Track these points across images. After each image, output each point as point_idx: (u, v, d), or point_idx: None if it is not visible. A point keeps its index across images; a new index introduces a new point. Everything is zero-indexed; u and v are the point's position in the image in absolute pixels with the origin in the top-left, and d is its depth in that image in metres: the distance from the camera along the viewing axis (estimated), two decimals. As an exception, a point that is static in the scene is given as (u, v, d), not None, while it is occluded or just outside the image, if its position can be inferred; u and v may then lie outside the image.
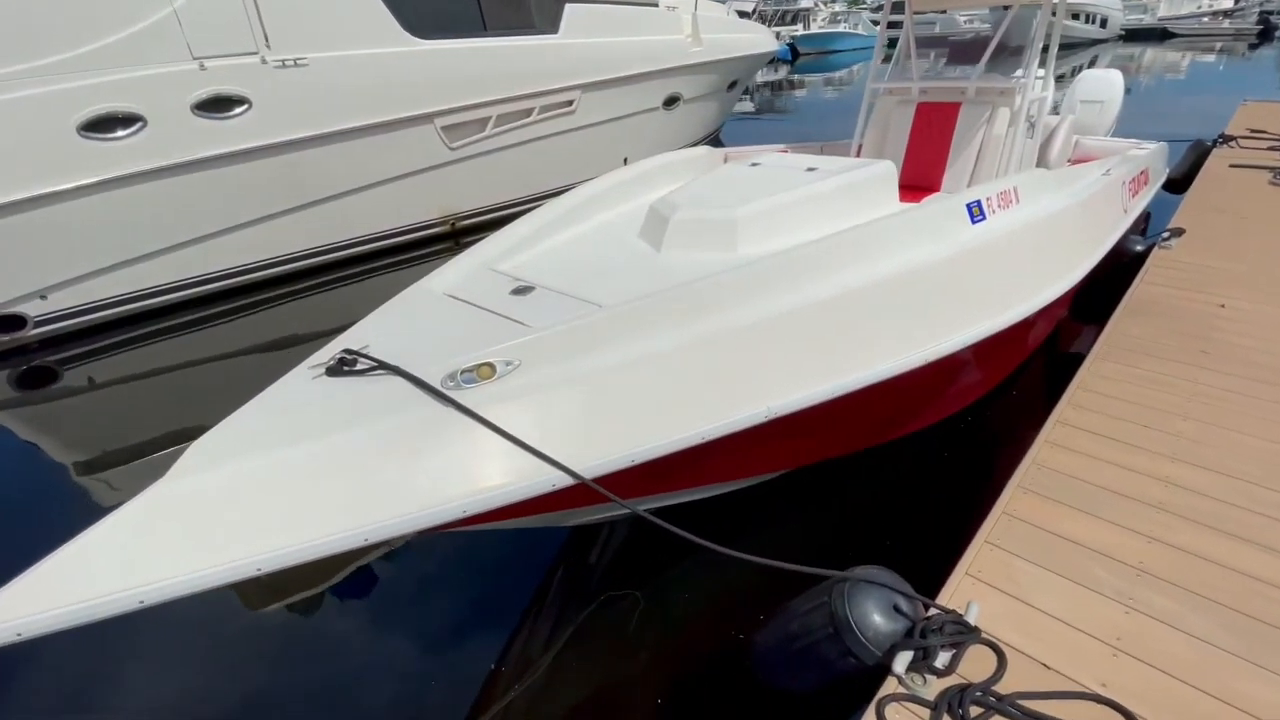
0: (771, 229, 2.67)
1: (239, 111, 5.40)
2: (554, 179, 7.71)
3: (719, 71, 9.52)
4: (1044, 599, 1.80)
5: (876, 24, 5.13)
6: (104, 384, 4.73)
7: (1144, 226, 5.55)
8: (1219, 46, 25.53)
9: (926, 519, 2.83)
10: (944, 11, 5.09)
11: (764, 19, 30.14)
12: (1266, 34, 27.53)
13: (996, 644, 1.64)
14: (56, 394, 4.63)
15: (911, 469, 3.17)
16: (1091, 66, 7.93)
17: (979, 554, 1.95)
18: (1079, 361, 3.06)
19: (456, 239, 7.33)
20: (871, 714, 1.51)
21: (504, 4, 6.88)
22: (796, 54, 30.44)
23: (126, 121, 4.93)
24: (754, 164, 3.34)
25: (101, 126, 4.83)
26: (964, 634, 1.60)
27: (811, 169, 3.11)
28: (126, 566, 1.36)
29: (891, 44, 4.79)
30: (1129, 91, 6.18)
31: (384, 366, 1.71)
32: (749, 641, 2.01)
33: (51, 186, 4.67)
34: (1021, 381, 3.77)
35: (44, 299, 4.95)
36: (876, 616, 1.63)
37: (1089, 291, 4.08)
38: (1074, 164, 4.58)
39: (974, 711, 1.49)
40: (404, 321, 2.12)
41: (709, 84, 9.45)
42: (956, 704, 1.48)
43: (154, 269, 5.42)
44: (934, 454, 3.24)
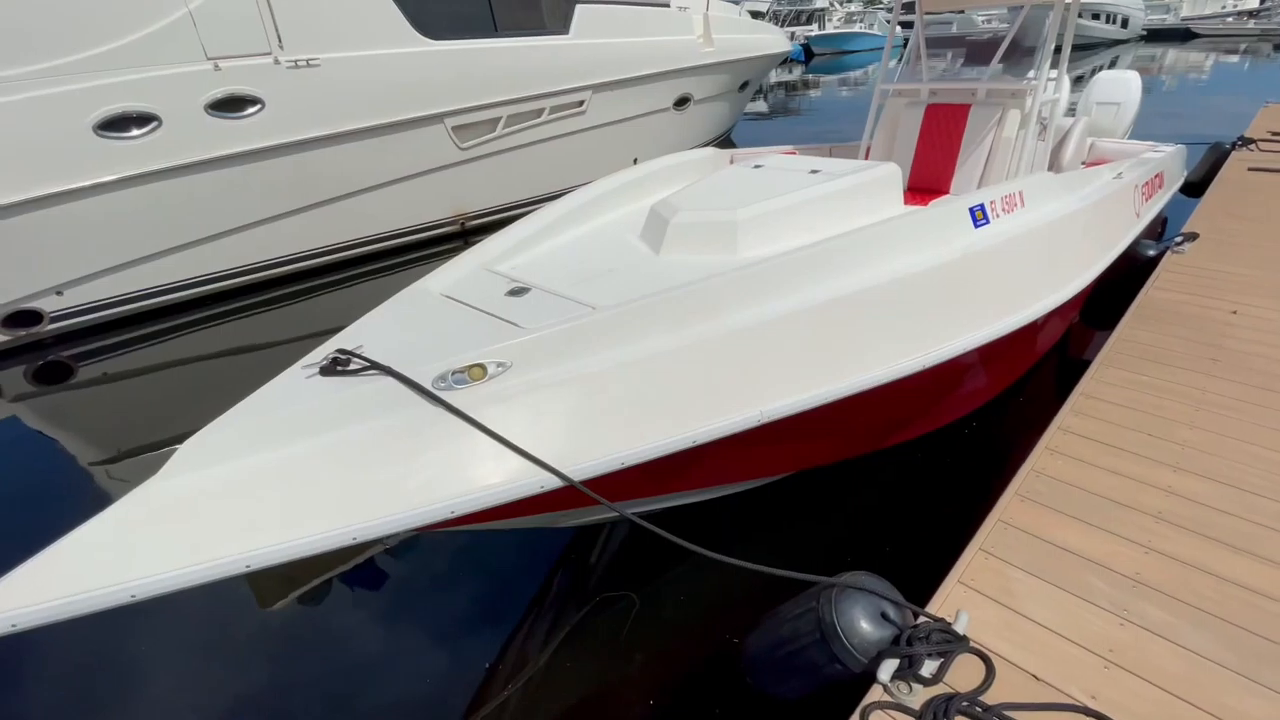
0: (772, 231, 2.66)
1: (252, 111, 5.47)
2: (564, 179, 7.73)
3: (730, 72, 9.49)
4: (1037, 609, 1.78)
5: (900, 24, 5.07)
6: (117, 379, 4.81)
7: (1160, 230, 5.48)
8: (1243, 48, 25.07)
9: (925, 525, 2.81)
10: (962, 11, 5.04)
11: (778, 19, 30.02)
12: None
13: (986, 654, 1.62)
14: (71, 388, 4.71)
15: (912, 474, 3.15)
16: (1112, 67, 7.82)
17: (972, 562, 1.93)
18: (1086, 368, 3.02)
19: (467, 238, 7.37)
20: (856, 722, 1.51)
21: (515, 4, 6.91)
22: (811, 54, 30.28)
23: (142, 121, 5.00)
24: (757, 166, 3.32)
25: (117, 126, 4.90)
26: (951, 643, 1.59)
27: (815, 171, 3.09)
28: (118, 562, 1.38)
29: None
30: (1150, 92, 6.07)
31: (376, 367, 1.72)
32: (740, 645, 2.00)
33: (67, 184, 4.75)
34: (1029, 387, 3.73)
35: (60, 295, 5.04)
36: (863, 623, 1.62)
37: (1100, 297, 4.03)
38: (1089, 167, 4.52)
39: (960, 722, 1.48)
40: (399, 321, 2.13)
41: (720, 84, 9.43)
42: (942, 713, 1.47)
43: (167, 267, 5.50)
44: (936, 459, 3.21)
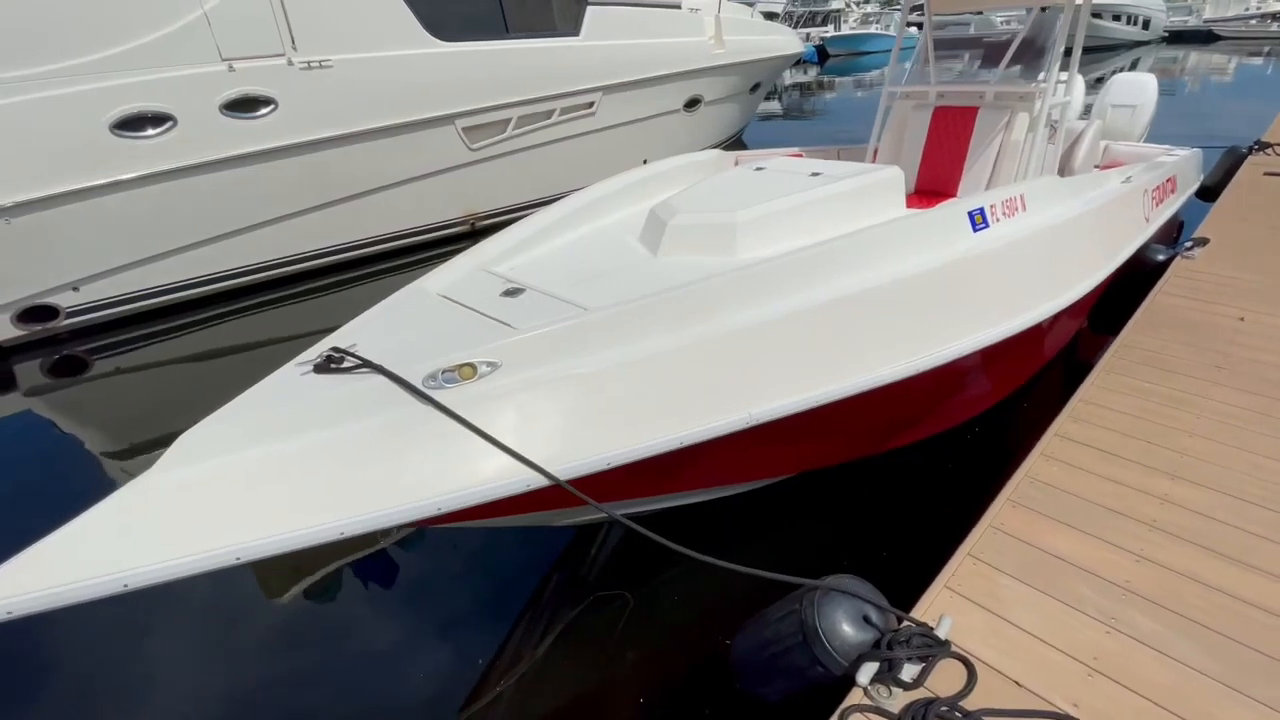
0: (770, 234, 2.66)
1: (265, 112, 5.55)
2: (574, 180, 7.73)
3: (741, 74, 9.49)
4: (1023, 615, 1.77)
5: (910, 25, 5.03)
6: (130, 373, 4.91)
7: (1176, 235, 5.40)
8: (1266, 50, 24.62)
9: (922, 529, 2.80)
10: (980, 13, 5.00)
11: (793, 20, 29.89)
12: None
13: (968, 659, 1.62)
14: (85, 382, 4.81)
15: (913, 478, 3.13)
16: (1133, 69, 7.74)
17: (960, 567, 1.93)
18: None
19: (477, 239, 7.41)
20: (834, 724, 1.51)
21: (526, 6, 6.95)
22: (826, 55, 30.14)
23: (157, 120, 5.09)
24: (759, 168, 3.33)
25: (133, 125, 5.00)
26: (932, 647, 1.59)
27: (816, 174, 3.09)
28: (113, 552, 1.42)
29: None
30: (1173, 95, 5.99)
31: (368, 365, 1.75)
32: (728, 647, 2.01)
33: (84, 183, 4.85)
34: (1037, 392, 3.70)
35: (75, 291, 5.15)
36: (845, 626, 1.62)
37: (1108, 302, 3.99)
38: (1103, 170, 4.47)
39: (939, 726, 1.48)
40: (394, 320, 2.16)
41: (731, 86, 9.42)
42: (920, 718, 1.47)
43: (181, 264, 5.59)
44: (938, 463, 3.19)
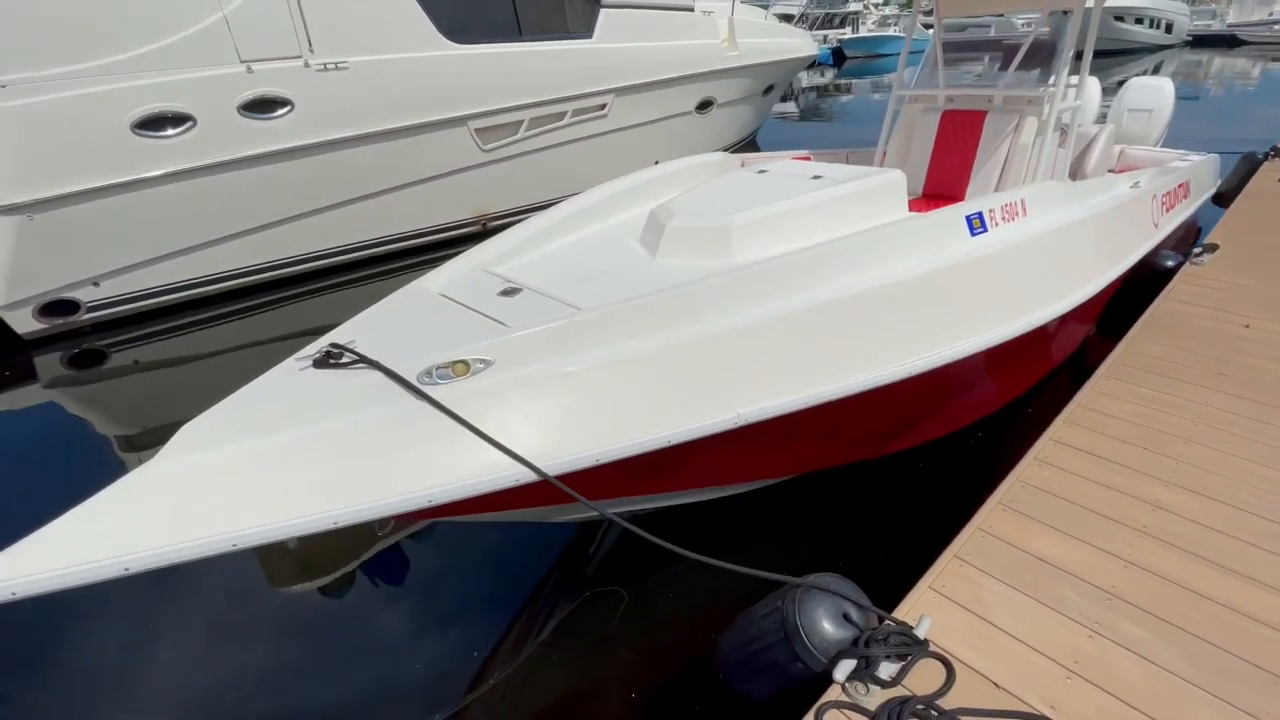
0: (768, 237, 2.68)
1: (282, 112, 5.65)
2: (585, 181, 7.74)
3: (754, 76, 9.49)
4: (1006, 618, 1.78)
5: (928, 27, 5.02)
6: (148, 367, 5.03)
7: (1193, 240, 5.34)
8: (1291, 55, 24.20)
9: (917, 531, 2.80)
10: (1001, 15, 4.98)
11: (810, 22, 29.78)
12: None
13: (947, 659, 1.64)
14: (104, 375, 4.95)
15: (913, 480, 3.13)
16: (1156, 73, 7.65)
17: (946, 569, 1.94)
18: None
19: (486, 239, 7.50)
20: (810, 719, 1.53)
21: (540, 9, 7.01)
22: (843, 58, 30.01)
23: (177, 120, 5.21)
24: (761, 171, 3.35)
25: (154, 125, 5.12)
26: (910, 646, 1.61)
27: (817, 177, 3.10)
28: (115, 537, 1.47)
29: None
30: (1197, 100, 5.93)
31: (364, 360, 1.80)
32: (714, 641, 2.04)
33: (106, 180, 4.97)
34: (1043, 397, 3.68)
35: (96, 286, 5.28)
36: (826, 624, 1.65)
37: (1117, 308, 3.96)
38: (1114, 175, 4.43)
39: (914, 724, 1.50)
40: (394, 318, 2.21)
41: (744, 88, 9.43)
42: (896, 715, 1.49)
43: (199, 261, 5.71)
44: (940, 466, 3.19)
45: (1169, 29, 26.56)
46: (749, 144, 10.82)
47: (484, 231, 7.52)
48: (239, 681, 2.44)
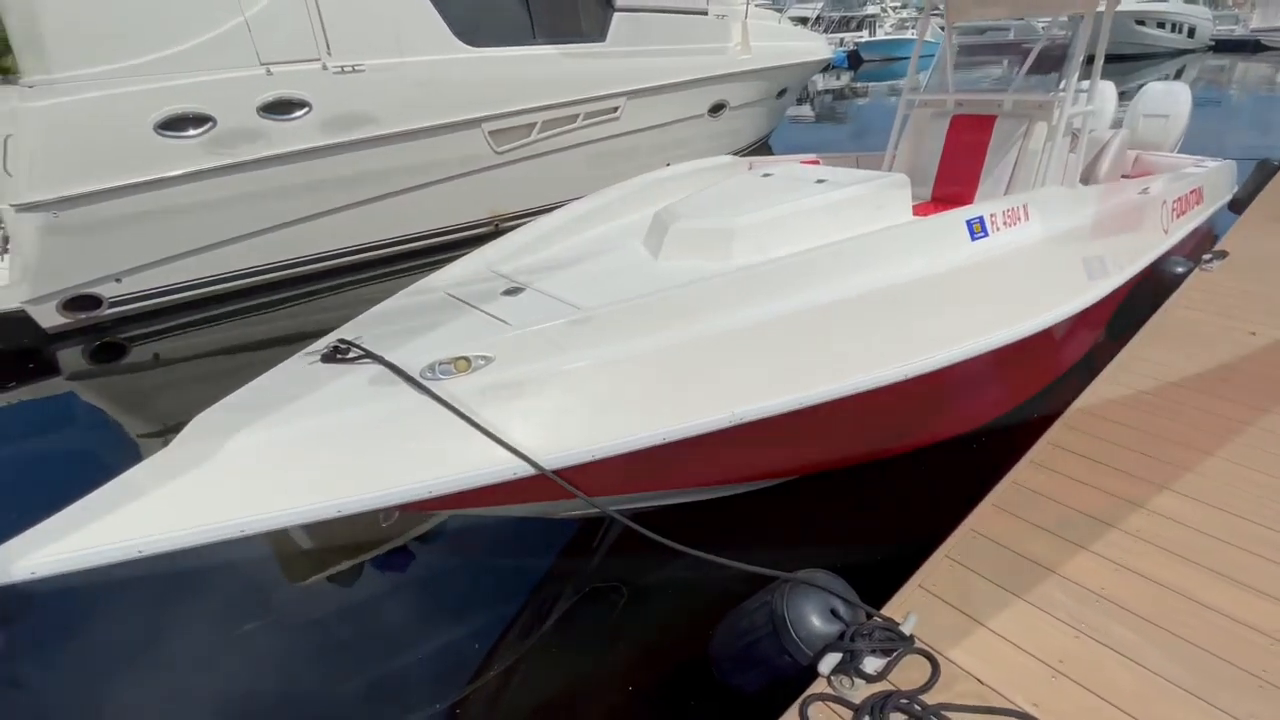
0: (769, 240, 2.71)
1: (300, 114, 5.77)
2: (597, 183, 7.81)
3: (767, 79, 9.52)
4: (993, 616, 1.81)
5: (944, 29, 5.03)
6: (167, 362, 5.16)
7: (1209, 246, 5.30)
8: (1316, 60, 23.78)
9: (916, 531, 2.81)
10: (1021, 18, 4.97)
11: (826, 25, 29.70)
12: None
13: (932, 655, 1.66)
14: (125, 368, 5.08)
15: (913, 481, 3.14)
16: (1178, 78, 7.59)
17: (936, 568, 1.97)
18: None
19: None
20: (794, 712, 1.57)
21: (553, 13, 7.09)
22: (860, 61, 29.90)
23: (198, 121, 5.34)
24: (766, 174, 3.38)
25: (176, 125, 5.25)
26: (895, 642, 1.64)
27: (821, 180, 3.13)
28: (130, 521, 1.54)
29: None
30: (1219, 105, 5.88)
31: (370, 356, 1.86)
32: (708, 636, 2.08)
33: (129, 179, 5.11)
34: (1047, 401, 3.66)
35: (118, 282, 5.41)
36: (813, 618, 1.68)
37: (1125, 314, 3.94)
38: (1127, 180, 4.42)
39: (897, 718, 1.53)
40: (400, 315, 2.28)
41: (757, 91, 9.46)
42: (879, 709, 1.53)
43: (218, 259, 5.83)
44: (941, 468, 3.19)
45: (1191, 33, 26.20)
46: (762, 147, 10.83)
47: (496, 232, 7.59)
48: (240, 673, 2.50)
